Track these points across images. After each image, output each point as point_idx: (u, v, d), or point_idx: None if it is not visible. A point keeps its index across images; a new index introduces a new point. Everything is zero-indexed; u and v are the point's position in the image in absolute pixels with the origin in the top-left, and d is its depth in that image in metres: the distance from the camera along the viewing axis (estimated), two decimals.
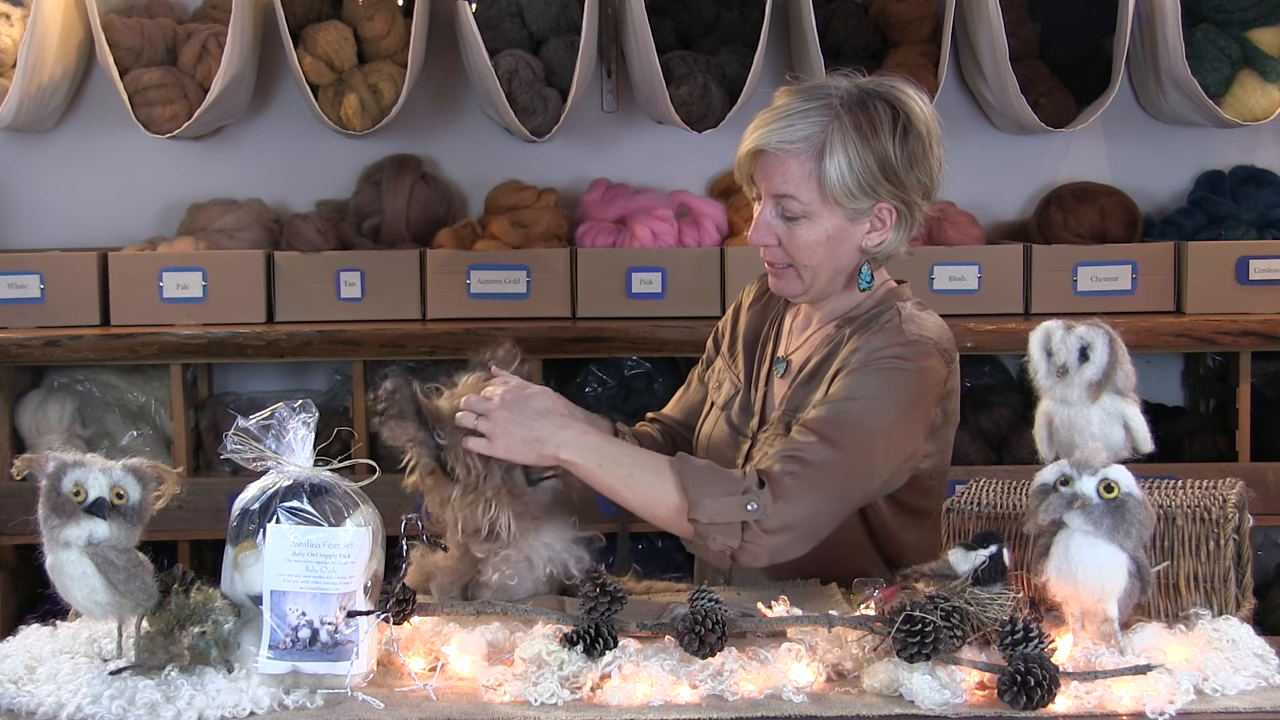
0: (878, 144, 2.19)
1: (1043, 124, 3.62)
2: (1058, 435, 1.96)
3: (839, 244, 2.25)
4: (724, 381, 2.46)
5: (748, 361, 2.43)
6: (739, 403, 2.40)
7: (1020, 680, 1.72)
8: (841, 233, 2.24)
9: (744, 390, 2.40)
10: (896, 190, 2.22)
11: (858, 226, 2.24)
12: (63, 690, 1.74)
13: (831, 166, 2.18)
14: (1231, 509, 1.98)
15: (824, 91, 2.23)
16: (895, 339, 2.21)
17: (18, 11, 3.56)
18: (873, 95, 2.22)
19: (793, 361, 2.35)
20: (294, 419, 1.82)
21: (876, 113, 2.20)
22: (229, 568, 1.84)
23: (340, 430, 2.10)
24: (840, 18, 3.66)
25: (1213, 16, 3.66)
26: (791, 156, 2.20)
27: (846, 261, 2.27)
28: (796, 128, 2.20)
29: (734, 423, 2.39)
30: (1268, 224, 3.66)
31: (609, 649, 1.80)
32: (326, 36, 3.56)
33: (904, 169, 2.21)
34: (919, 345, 2.21)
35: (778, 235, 2.25)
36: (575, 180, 3.87)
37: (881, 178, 2.20)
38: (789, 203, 2.22)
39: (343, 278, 3.54)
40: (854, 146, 2.18)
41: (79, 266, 3.52)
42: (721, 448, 2.37)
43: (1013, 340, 3.42)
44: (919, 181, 2.24)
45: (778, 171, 2.22)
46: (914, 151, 2.22)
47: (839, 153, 2.18)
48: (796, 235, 2.24)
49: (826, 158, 2.18)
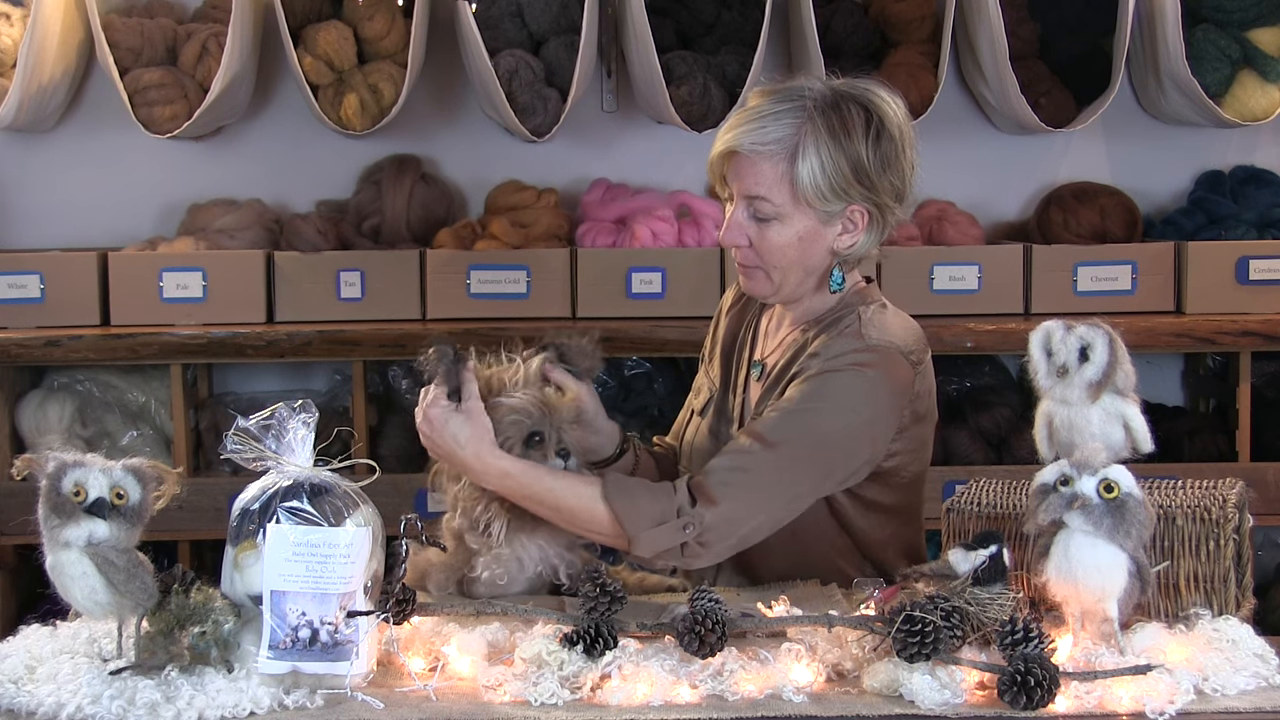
0: (850, 146, 2.19)
1: (1043, 124, 3.62)
2: (1058, 435, 1.96)
3: (810, 245, 2.25)
4: (702, 388, 2.47)
5: (724, 366, 2.44)
6: (715, 408, 2.41)
7: (1020, 680, 1.72)
8: (813, 234, 2.24)
9: (720, 395, 2.41)
10: (868, 193, 2.22)
11: (829, 229, 2.24)
12: (63, 690, 1.74)
13: (804, 168, 2.19)
14: (1231, 509, 1.98)
15: (797, 93, 2.23)
16: (853, 344, 2.21)
17: (18, 11, 3.56)
18: (846, 98, 2.22)
19: (767, 365, 2.35)
20: (294, 419, 1.82)
21: (850, 115, 2.20)
22: (229, 568, 1.84)
23: (340, 430, 2.10)
24: (840, 18, 3.66)
25: (1213, 16, 3.66)
26: (764, 158, 2.20)
27: (817, 263, 2.27)
28: (769, 129, 2.20)
29: (713, 428, 2.40)
30: (1268, 224, 3.67)
31: (609, 649, 1.80)
32: (326, 36, 3.56)
33: (876, 172, 2.21)
34: (879, 350, 2.21)
35: (749, 236, 2.25)
36: (575, 180, 3.87)
37: (854, 180, 2.20)
38: (761, 204, 2.22)
39: (343, 278, 3.54)
40: (826, 148, 2.18)
41: (79, 266, 3.52)
42: (703, 454, 2.36)
43: (1013, 340, 3.42)
44: (891, 184, 2.23)
45: (750, 173, 2.22)
46: (886, 154, 2.21)
47: (811, 155, 2.18)
48: (768, 236, 2.24)
49: (799, 160, 2.19)
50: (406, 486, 3.34)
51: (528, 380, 2.15)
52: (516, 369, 2.16)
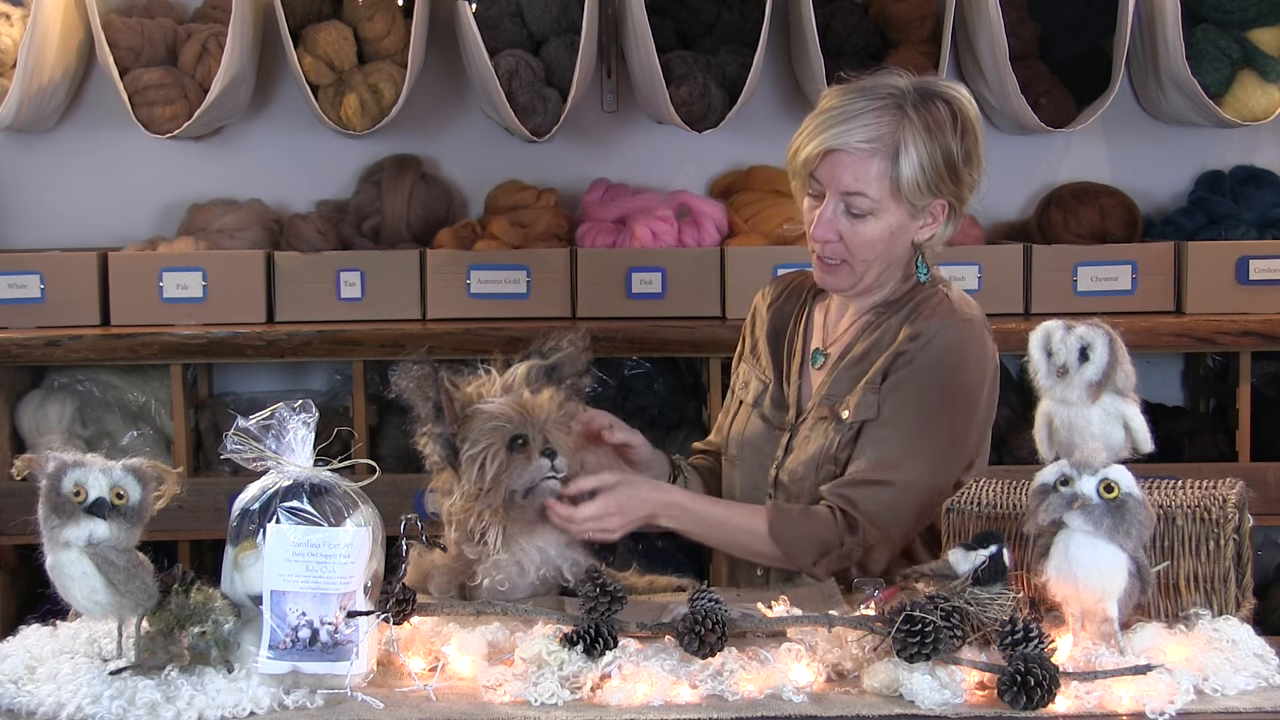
0: (944, 142, 2.26)
1: (1043, 124, 3.62)
2: (1058, 435, 1.96)
3: (897, 239, 2.31)
4: (750, 380, 2.49)
5: (774, 357, 2.46)
6: (770, 397, 2.44)
7: (1020, 680, 1.72)
8: (901, 228, 2.30)
9: (774, 384, 2.44)
10: (955, 187, 2.29)
11: (915, 222, 2.31)
12: (63, 690, 1.74)
13: (906, 165, 2.24)
14: (1231, 509, 1.97)
15: (887, 90, 2.27)
16: (949, 320, 2.30)
17: (18, 11, 3.56)
18: (932, 94, 2.28)
19: (831, 353, 2.39)
20: (294, 419, 1.82)
21: (939, 110, 2.26)
22: (229, 568, 1.84)
23: (340, 430, 2.09)
24: (840, 18, 3.66)
25: (1213, 16, 3.66)
26: (866, 155, 2.25)
27: (899, 255, 2.34)
28: (870, 127, 2.24)
29: (768, 417, 2.43)
30: (1268, 224, 3.66)
31: (609, 649, 1.80)
32: (326, 36, 3.56)
33: (963, 166, 2.28)
34: (974, 322, 2.32)
35: (840, 231, 2.29)
36: (575, 180, 3.87)
37: (946, 175, 2.27)
38: (858, 200, 2.27)
39: (343, 278, 3.54)
40: (924, 145, 2.24)
41: (79, 266, 3.52)
42: (758, 442, 2.43)
43: (1013, 340, 3.38)
44: (971, 177, 2.31)
45: (849, 170, 2.26)
46: (970, 149, 2.29)
47: (913, 151, 2.24)
48: (860, 231, 2.28)
49: (902, 156, 2.24)
50: (406, 486, 3.33)
51: (513, 388, 2.14)
52: (494, 381, 2.15)
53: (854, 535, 2.23)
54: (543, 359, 2.19)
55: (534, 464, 2.11)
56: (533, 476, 2.12)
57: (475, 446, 2.09)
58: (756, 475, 2.41)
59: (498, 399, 2.12)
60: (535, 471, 2.11)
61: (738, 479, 2.46)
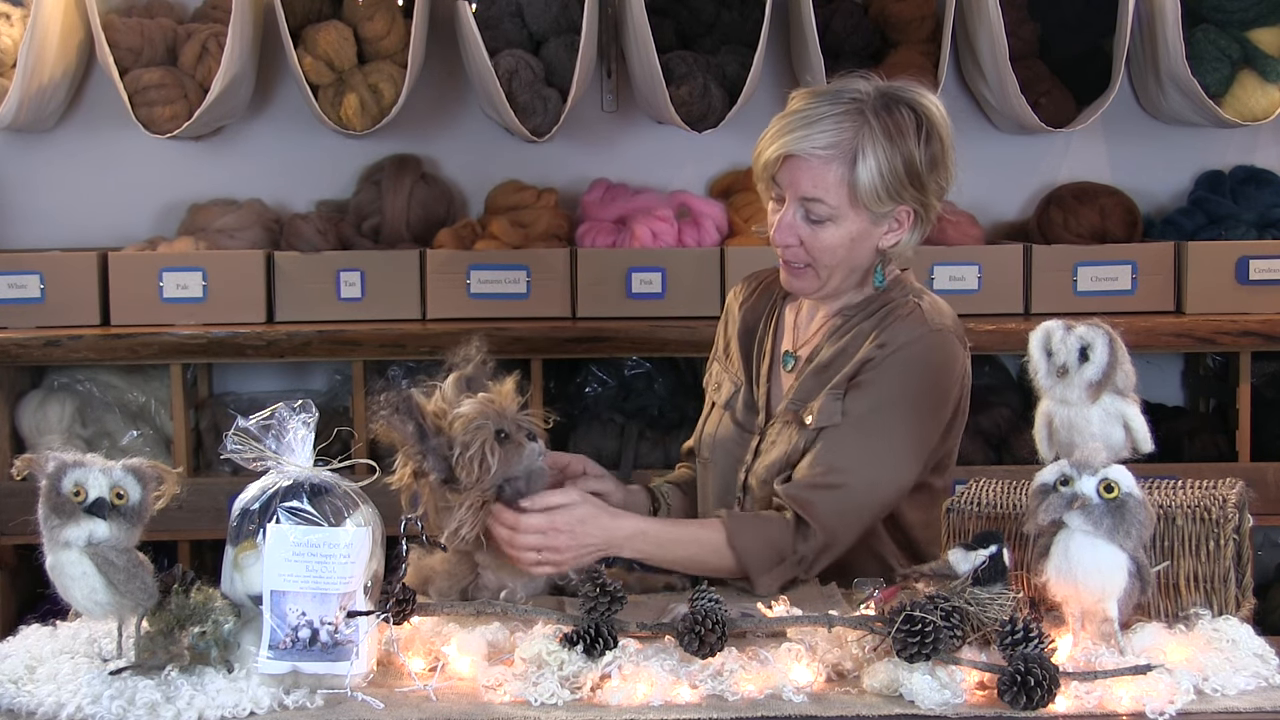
0: (905, 148, 2.22)
1: (1043, 124, 3.62)
2: (1058, 435, 1.96)
3: (859, 245, 2.28)
4: (723, 381, 2.48)
5: (745, 359, 2.45)
6: (742, 400, 2.42)
7: (1020, 680, 1.72)
8: (863, 234, 2.28)
9: (745, 387, 2.42)
10: (918, 194, 2.26)
11: (878, 228, 2.28)
12: (63, 690, 1.74)
13: (864, 171, 2.21)
14: (1231, 509, 1.97)
15: (849, 95, 2.25)
16: (919, 329, 2.27)
17: (18, 11, 3.56)
18: (895, 99, 2.25)
19: (800, 356, 2.37)
20: (294, 419, 1.82)
21: (901, 117, 2.23)
22: (229, 568, 1.84)
23: (340, 430, 2.09)
24: (840, 18, 3.66)
25: (1213, 17, 3.66)
26: (823, 161, 2.23)
27: (863, 261, 2.32)
28: (827, 133, 2.22)
29: (739, 420, 2.41)
30: (1268, 224, 3.66)
31: (609, 649, 1.80)
32: (326, 36, 3.56)
33: (926, 173, 2.25)
34: (942, 332, 2.28)
35: (800, 236, 2.28)
36: (575, 180, 3.87)
37: (907, 182, 2.24)
38: (816, 206, 2.25)
39: (343, 278, 3.54)
40: (883, 151, 2.22)
41: (79, 266, 3.52)
42: (729, 445, 2.41)
43: (1013, 340, 3.42)
44: (937, 184, 2.28)
45: (807, 175, 2.24)
46: (935, 155, 2.26)
47: (870, 158, 2.21)
48: (820, 237, 2.26)
49: (859, 163, 2.21)
50: None
51: (452, 398, 2.14)
52: (436, 398, 2.14)
53: (806, 542, 2.20)
54: (461, 371, 2.19)
55: (525, 449, 2.12)
56: (528, 461, 2.13)
57: (469, 448, 2.09)
58: (728, 478, 2.40)
59: (467, 401, 2.12)
60: (528, 457, 2.12)
61: (710, 482, 2.45)
